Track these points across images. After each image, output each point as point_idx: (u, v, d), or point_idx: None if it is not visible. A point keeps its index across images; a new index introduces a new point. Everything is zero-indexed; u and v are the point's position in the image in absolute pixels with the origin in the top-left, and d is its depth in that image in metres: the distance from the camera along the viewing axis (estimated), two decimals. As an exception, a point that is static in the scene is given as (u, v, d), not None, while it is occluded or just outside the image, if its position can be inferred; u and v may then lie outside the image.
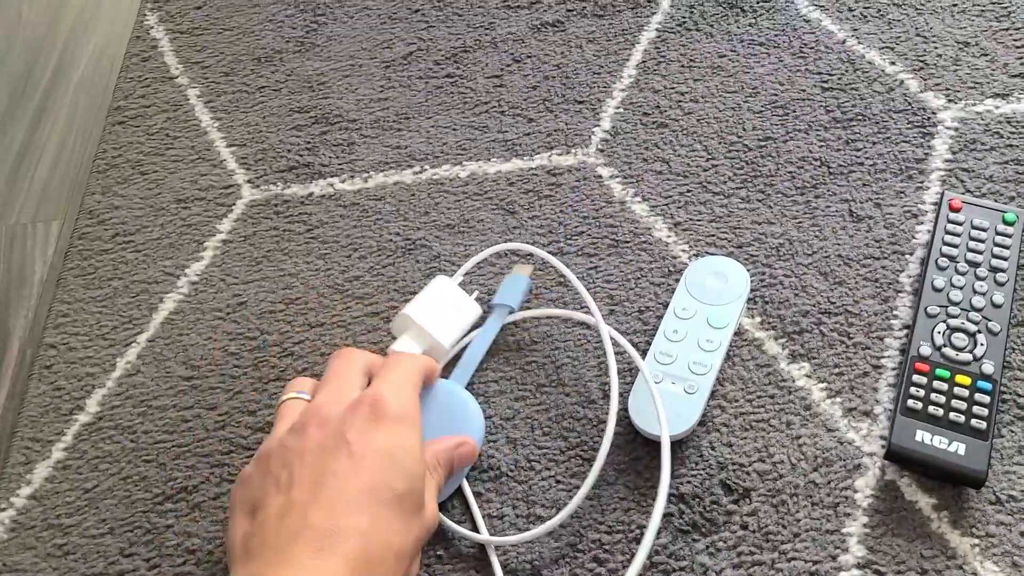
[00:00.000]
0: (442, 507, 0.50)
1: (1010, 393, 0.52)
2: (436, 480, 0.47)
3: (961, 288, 0.54)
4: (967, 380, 0.50)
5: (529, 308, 0.59)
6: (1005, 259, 0.55)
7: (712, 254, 0.60)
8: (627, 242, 0.61)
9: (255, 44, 0.79)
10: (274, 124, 0.72)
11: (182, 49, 0.79)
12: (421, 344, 0.53)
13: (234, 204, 0.68)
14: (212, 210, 0.67)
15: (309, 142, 0.71)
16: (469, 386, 0.55)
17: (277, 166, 0.70)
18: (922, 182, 0.62)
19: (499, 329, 0.56)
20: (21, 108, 0.76)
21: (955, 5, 0.71)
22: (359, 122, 0.72)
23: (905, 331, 0.55)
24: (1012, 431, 0.50)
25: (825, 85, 0.68)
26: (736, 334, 0.56)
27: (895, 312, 0.56)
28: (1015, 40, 0.68)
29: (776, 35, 0.72)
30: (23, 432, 0.57)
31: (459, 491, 0.51)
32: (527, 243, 0.61)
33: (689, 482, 0.50)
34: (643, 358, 0.53)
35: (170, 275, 0.64)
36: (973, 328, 0.52)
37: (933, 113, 0.65)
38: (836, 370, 0.54)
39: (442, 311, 0.54)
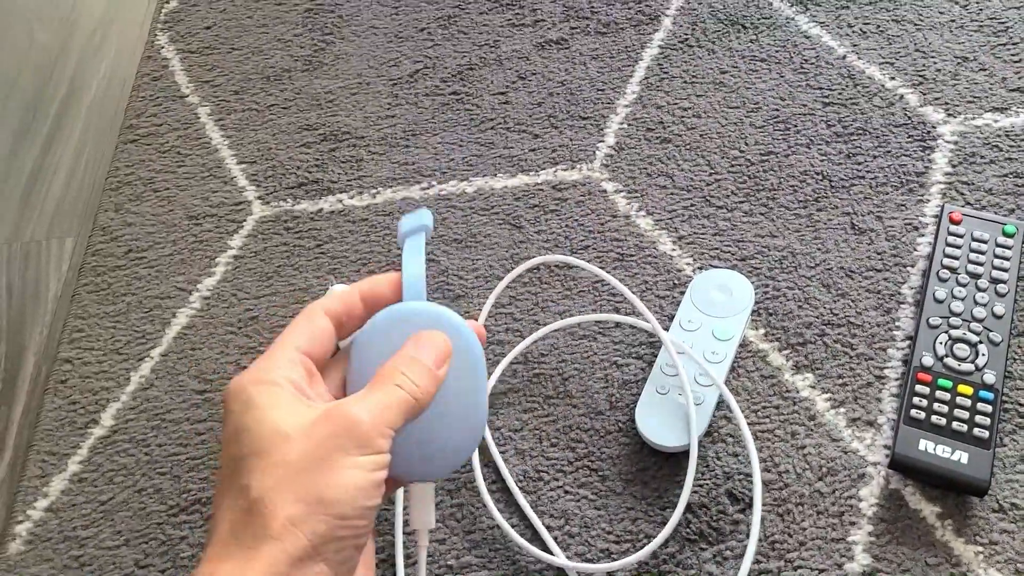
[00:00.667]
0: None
1: (1012, 403, 0.52)
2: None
3: (962, 299, 0.55)
4: (969, 390, 0.51)
5: (592, 313, 0.60)
6: (1006, 270, 0.55)
7: (716, 267, 0.61)
8: (632, 256, 0.62)
9: (264, 63, 0.80)
10: (283, 141, 0.74)
11: (193, 68, 0.80)
12: None
13: (245, 220, 0.69)
14: (223, 226, 0.68)
15: (318, 159, 0.72)
16: None
17: (287, 183, 0.71)
18: (923, 195, 0.63)
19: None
20: (34, 128, 0.77)
21: (953, 21, 0.73)
22: (367, 139, 0.73)
23: (907, 342, 0.56)
24: (1015, 440, 0.51)
25: (826, 100, 0.69)
26: (741, 346, 0.57)
27: (897, 323, 0.57)
28: (1012, 55, 0.69)
29: (777, 51, 0.73)
30: (39, 446, 0.58)
31: (522, 513, 0.51)
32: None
33: (695, 492, 0.51)
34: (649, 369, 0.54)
35: (182, 290, 0.65)
36: (975, 339, 0.53)
37: (933, 127, 0.66)
38: (840, 381, 0.55)
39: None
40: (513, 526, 0.51)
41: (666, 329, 0.57)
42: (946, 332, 0.53)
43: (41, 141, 0.76)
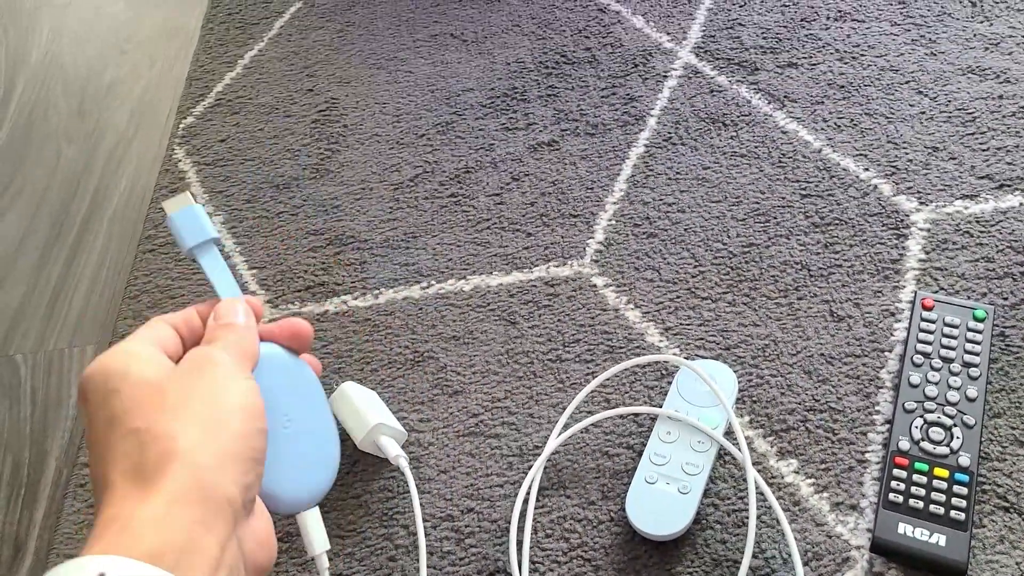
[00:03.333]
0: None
1: (989, 483, 0.54)
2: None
3: (936, 384, 0.57)
4: (945, 473, 0.53)
5: (596, 408, 0.62)
6: (977, 354, 0.58)
7: (702, 357, 0.64)
8: (622, 348, 0.65)
9: (274, 172, 0.85)
10: (292, 247, 0.78)
11: (207, 179, 0.86)
12: (399, 440, 0.60)
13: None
14: (235, 330, 0.72)
15: (324, 262, 0.76)
16: None
17: (294, 286, 0.75)
18: (898, 281, 0.65)
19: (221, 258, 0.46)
20: (60, 241, 0.82)
21: (923, 112, 0.76)
22: (370, 242, 0.77)
23: (887, 426, 0.58)
24: (993, 520, 0.53)
25: (803, 192, 0.73)
26: (726, 433, 0.59)
27: (877, 407, 0.59)
28: (980, 144, 0.73)
29: (756, 147, 0.77)
30: (59, 549, 0.61)
31: None
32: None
33: (685, 580, 0.53)
34: (639, 458, 0.57)
35: (196, 393, 0.68)
36: (949, 422, 0.55)
37: (906, 215, 0.69)
38: (823, 466, 0.57)
39: (376, 406, 0.61)
40: (509, 617, 0.53)
41: (655, 419, 0.60)
42: (921, 416, 0.56)
43: (66, 254, 0.81)
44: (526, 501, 0.57)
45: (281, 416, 0.41)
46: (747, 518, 0.55)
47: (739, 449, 0.54)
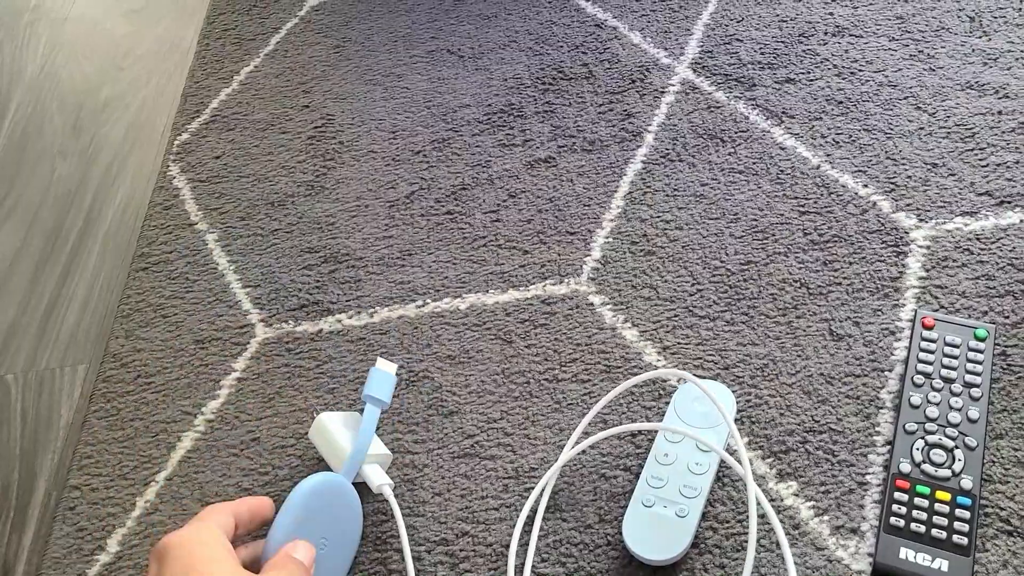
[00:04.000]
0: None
1: (992, 506, 0.53)
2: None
3: (937, 404, 0.56)
4: (947, 496, 0.52)
5: (595, 428, 0.61)
6: (978, 375, 0.57)
7: (700, 376, 0.63)
8: (619, 367, 0.65)
9: (269, 189, 0.84)
10: (286, 264, 0.77)
11: (202, 197, 0.85)
12: (383, 464, 0.60)
13: (248, 343, 0.72)
14: (228, 349, 0.72)
15: (318, 280, 0.75)
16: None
17: (289, 305, 0.74)
18: (898, 300, 0.65)
19: (377, 421, 0.59)
20: (53, 259, 0.82)
21: (922, 128, 0.76)
22: (365, 260, 0.76)
23: (888, 447, 0.57)
24: (996, 544, 0.52)
25: (802, 209, 0.72)
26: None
27: (878, 428, 0.58)
28: (980, 160, 0.72)
29: (754, 163, 0.76)
30: (47, 573, 0.60)
31: None
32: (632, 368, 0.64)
33: (683, 605, 0.52)
34: (636, 480, 0.56)
35: (188, 414, 0.68)
36: (950, 444, 0.54)
37: (906, 232, 0.69)
38: (823, 488, 0.56)
39: (355, 433, 0.60)
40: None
41: (653, 440, 0.59)
42: (922, 438, 0.55)
43: (59, 272, 0.81)
44: (528, 526, 0.57)
45: (320, 538, 0.52)
46: (747, 542, 0.54)
47: (741, 464, 0.54)
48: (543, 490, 0.58)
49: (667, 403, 0.61)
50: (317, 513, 0.52)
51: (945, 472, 0.53)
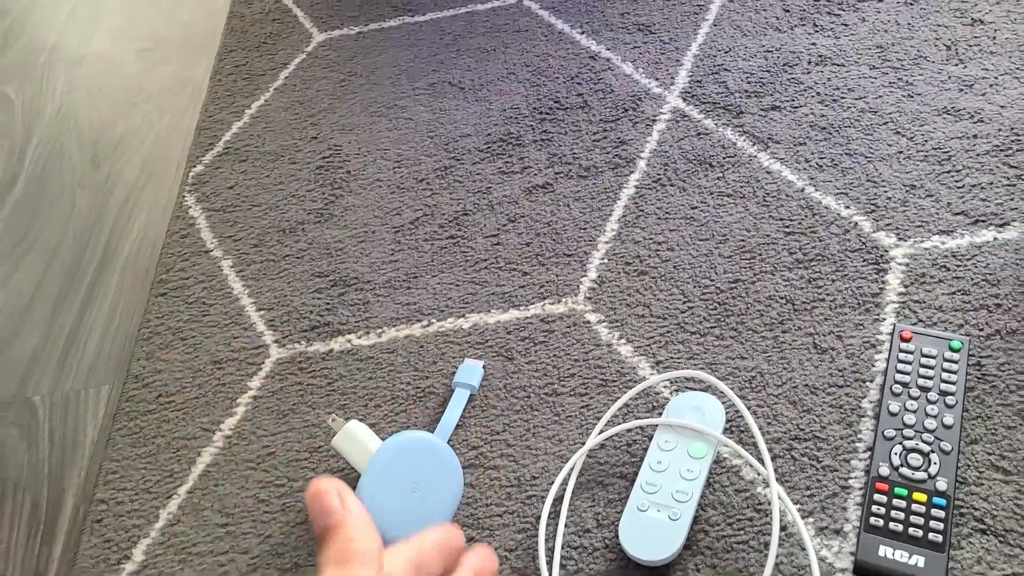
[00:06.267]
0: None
1: (967, 507, 0.57)
2: None
3: (914, 412, 0.60)
4: (923, 497, 0.55)
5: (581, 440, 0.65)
6: (953, 383, 0.61)
7: (691, 389, 0.66)
8: (615, 381, 0.68)
9: (281, 217, 0.88)
10: (298, 288, 0.81)
11: (216, 225, 0.89)
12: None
13: (263, 363, 0.75)
14: (244, 369, 0.75)
15: (328, 303, 0.79)
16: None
17: (300, 326, 0.78)
18: (878, 314, 0.68)
19: (467, 400, 0.69)
20: (72, 291, 0.86)
21: (901, 152, 0.80)
22: (373, 283, 0.80)
23: (869, 453, 0.60)
24: (971, 543, 0.55)
25: (787, 230, 0.76)
26: (715, 462, 0.61)
27: (859, 436, 0.61)
28: (956, 181, 0.76)
29: (742, 186, 0.80)
30: (76, 582, 0.63)
31: None
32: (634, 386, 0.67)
33: (677, 603, 0.55)
34: (632, 487, 0.59)
35: (207, 431, 0.71)
36: (927, 448, 0.57)
37: (886, 251, 0.72)
38: (808, 492, 0.59)
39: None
40: (509, 642, 0.55)
41: (647, 449, 0.62)
42: (900, 443, 0.58)
43: (79, 300, 0.85)
44: (552, 514, 0.60)
45: (411, 489, 0.59)
46: (736, 543, 0.58)
47: (764, 465, 0.57)
48: (571, 471, 0.61)
49: (660, 414, 0.65)
50: (406, 465, 0.59)
51: (922, 475, 0.56)
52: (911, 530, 0.54)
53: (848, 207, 0.76)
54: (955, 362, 0.62)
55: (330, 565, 0.33)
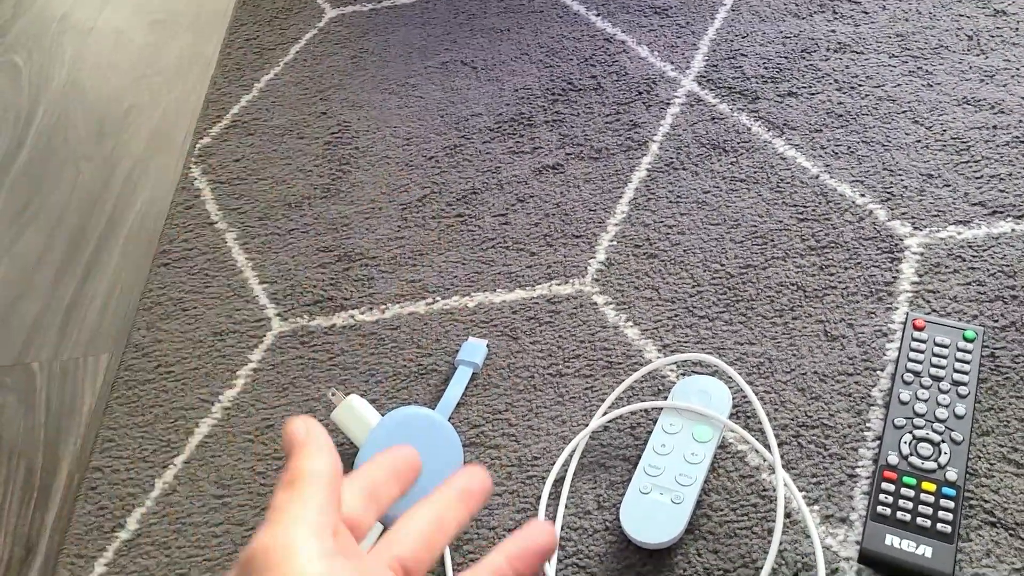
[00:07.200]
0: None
1: (977, 499, 0.55)
2: None
3: (926, 401, 0.58)
4: (932, 487, 0.54)
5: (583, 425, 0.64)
6: (966, 373, 0.59)
7: (698, 373, 0.65)
8: (620, 364, 0.67)
9: (287, 191, 0.88)
10: (302, 263, 0.80)
11: (222, 197, 0.88)
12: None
13: (264, 336, 0.74)
14: (245, 342, 0.74)
15: (333, 278, 0.78)
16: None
17: (304, 300, 0.77)
18: (891, 303, 0.67)
19: (469, 378, 0.68)
20: (76, 260, 0.85)
21: (919, 141, 0.78)
22: (378, 259, 0.79)
23: (877, 442, 0.59)
24: (980, 535, 0.54)
25: (800, 216, 0.75)
26: (720, 447, 0.60)
27: (868, 424, 0.60)
28: (974, 172, 0.75)
29: (755, 172, 0.79)
30: (69, 549, 0.62)
31: None
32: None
33: (677, 587, 0.54)
34: (635, 468, 0.58)
35: (205, 402, 0.70)
36: (937, 438, 0.56)
37: (900, 240, 0.71)
38: (814, 480, 0.58)
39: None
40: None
41: (651, 432, 0.61)
42: (910, 432, 0.57)
43: (82, 270, 0.84)
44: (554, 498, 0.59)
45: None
46: (739, 529, 0.56)
47: (770, 451, 0.56)
48: (573, 452, 0.60)
49: (666, 397, 0.64)
50: (406, 440, 0.58)
51: (931, 464, 0.55)
52: (919, 520, 0.53)
53: (863, 195, 0.75)
54: (969, 352, 0.60)
55: (281, 487, 0.31)
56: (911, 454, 0.56)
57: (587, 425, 0.63)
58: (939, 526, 0.52)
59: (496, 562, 0.31)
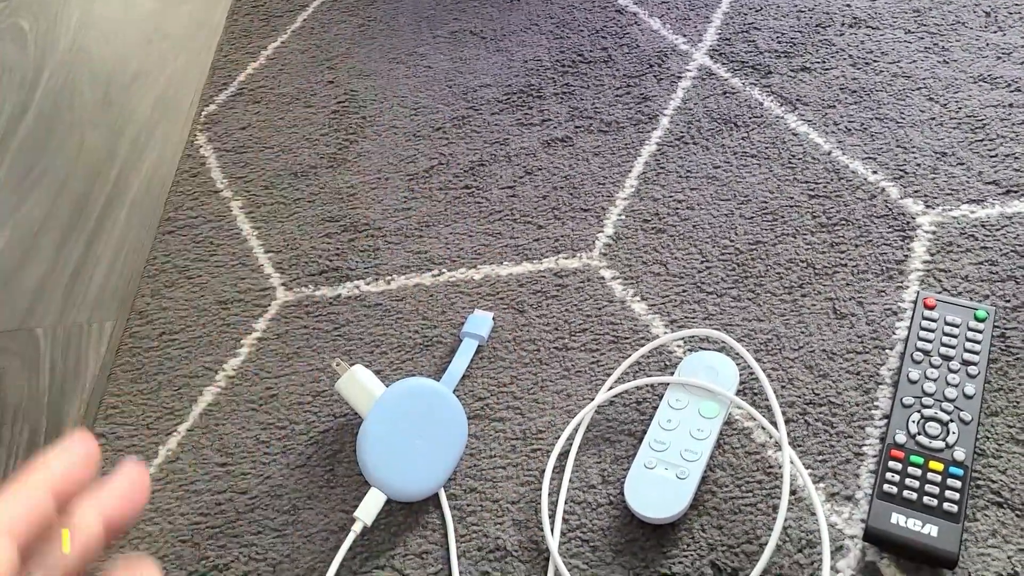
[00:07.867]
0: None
1: (984, 479, 0.55)
2: None
3: (935, 380, 0.58)
4: (940, 466, 0.54)
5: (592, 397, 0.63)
6: (976, 353, 0.59)
7: (705, 349, 0.65)
8: (627, 338, 0.67)
9: (293, 160, 0.87)
10: (307, 232, 0.80)
11: (227, 166, 0.88)
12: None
13: (269, 305, 0.74)
14: (249, 311, 0.74)
15: (338, 248, 0.78)
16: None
17: (309, 270, 0.76)
18: (902, 282, 0.66)
19: (475, 351, 0.67)
20: (80, 225, 0.85)
21: (933, 119, 0.77)
22: (384, 230, 0.78)
23: (885, 421, 0.59)
24: (986, 515, 0.53)
25: (812, 193, 0.74)
26: (726, 423, 0.60)
27: (876, 403, 0.60)
28: (989, 150, 0.74)
29: (767, 147, 0.78)
30: (72, 514, 0.62)
31: None
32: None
33: (680, 562, 0.54)
34: (639, 444, 0.58)
35: (209, 370, 0.70)
36: (946, 418, 0.56)
37: (912, 218, 0.70)
38: (820, 457, 0.58)
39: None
40: (507, 593, 0.54)
41: (657, 407, 0.61)
42: (919, 411, 0.56)
43: (86, 235, 0.83)
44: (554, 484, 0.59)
45: (414, 437, 0.59)
46: (744, 505, 0.56)
47: (776, 428, 0.56)
48: (578, 426, 0.60)
49: (672, 373, 0.63)
50: (410, 411, 0.59)
51: (939, 444, 0.55)
52: (926, 499, 0.52)
53: (876, 172, 0.74)
54: (980, 332, 0.60)
55: None
56: (919, 433, 0.55)
57: (593, 399, 0.63)
58: (945, 505, 0.52)
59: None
